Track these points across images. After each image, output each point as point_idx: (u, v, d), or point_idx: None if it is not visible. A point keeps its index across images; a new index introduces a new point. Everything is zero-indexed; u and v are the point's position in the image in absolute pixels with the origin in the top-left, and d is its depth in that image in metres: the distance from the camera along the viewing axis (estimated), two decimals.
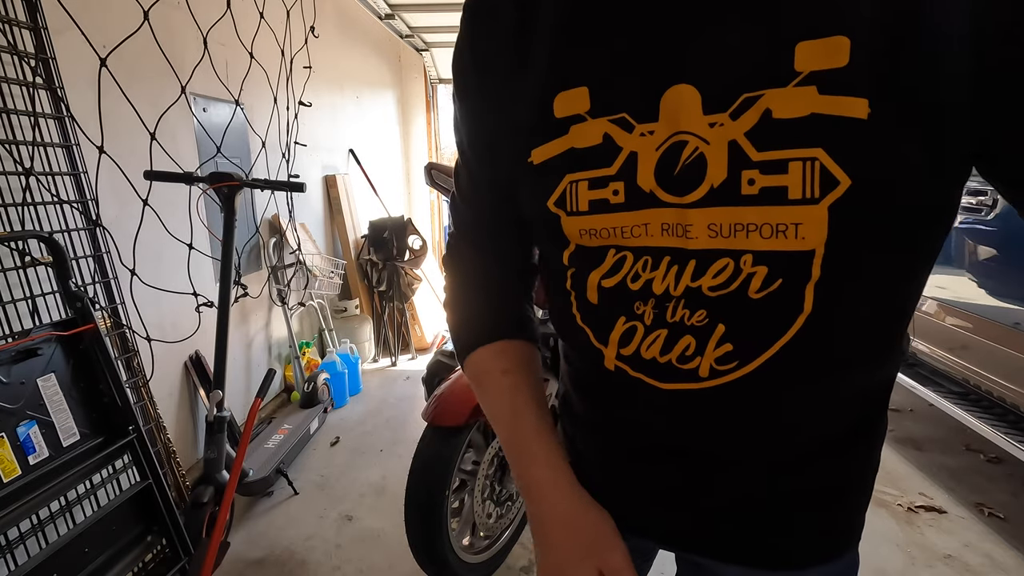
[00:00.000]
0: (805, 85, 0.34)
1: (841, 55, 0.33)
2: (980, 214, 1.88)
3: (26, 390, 1.18)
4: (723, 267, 0.39)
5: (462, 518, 1.61)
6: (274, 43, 2.45)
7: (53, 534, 1.24)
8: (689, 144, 0.38)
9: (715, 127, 0.37)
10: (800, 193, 0.35)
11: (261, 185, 1.78)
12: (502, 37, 0.47)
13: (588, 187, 0.42)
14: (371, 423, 2.75)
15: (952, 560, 1.74)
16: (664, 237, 0.41)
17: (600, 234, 0.43)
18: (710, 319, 0.41)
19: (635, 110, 0.40)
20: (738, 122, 0.36)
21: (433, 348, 3.67)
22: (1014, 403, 1.82)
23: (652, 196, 0.40)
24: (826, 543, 0.51)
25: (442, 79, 5.63)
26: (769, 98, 0.35)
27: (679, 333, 0.42)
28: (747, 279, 0.39)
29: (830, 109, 0.34)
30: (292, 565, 1.76)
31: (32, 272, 1.38)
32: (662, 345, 0.43)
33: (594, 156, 0.42)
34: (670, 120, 0.39)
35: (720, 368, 0.41)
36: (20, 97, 1.37)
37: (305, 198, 3.09)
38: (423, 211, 5.47)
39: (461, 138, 0.55)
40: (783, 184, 0.35)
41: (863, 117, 0.33)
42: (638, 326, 0.44)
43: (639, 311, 0.43)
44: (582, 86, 0.42)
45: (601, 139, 0.41)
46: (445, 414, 1.44)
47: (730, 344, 0.41)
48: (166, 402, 1.97)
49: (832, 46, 0.33)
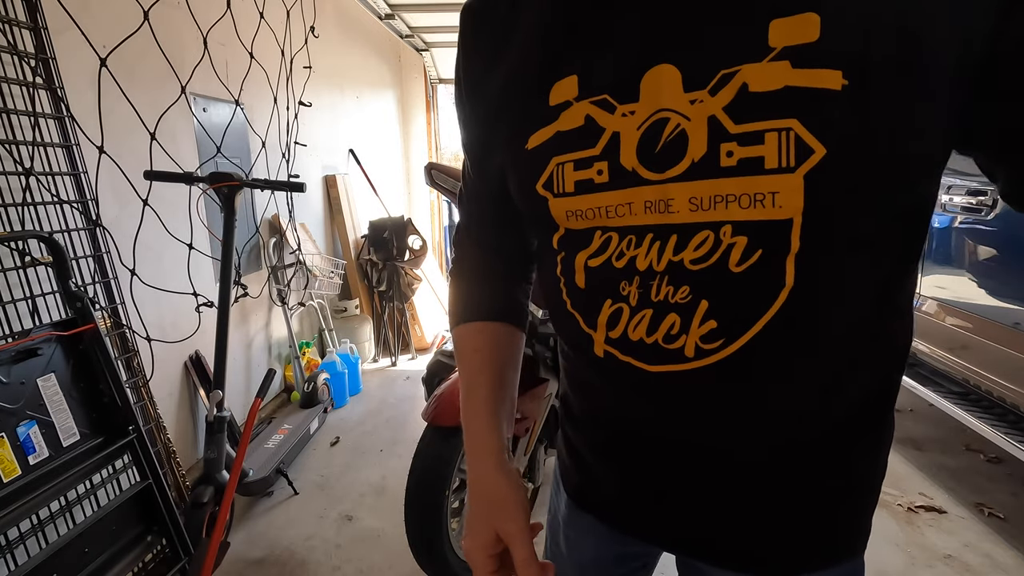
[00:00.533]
0: (779, 60, 0.35)
1: (812, 30, 0.35)
2: (980, 214, 1.88)
3: (26, 390, 1.18)
4: (704, 239, 0.40)
5: (462, 518, 1.61)
6: (274, 43, 2.45)
7: (53, 534, 1.23)
8: (671, 121, 0.39)
9: (695, 104, 0.38)
10: (776, 163, 0.36)
11: (261, 185, 1.78)
12: (496, 36, 0.49)
13: (574, 168, 0.44)
14: (371, 423, 2.75)
15: (952, 560, 1.74)
16: (647, 215, 0.42)
17: (586, 215, 0.45)
18: (693, 295, 0.41)
19: (616, 91, 0.42)
20: (716, 97, 0.37)
21: (433, 348, 3.67)
22: (1014, 403, 1.82)
23: (635, 174, 0.41)
24: (826, 548, 0.50)
25: (442, 79, 5.63)
26: (745, 73, 0.36)
27: (664, 312, 0.43)
28: (727, 250, 0.40)
29: (803, 81, 0.35)
30: (292, 565, 1.76)
31: (32, 272, 1.38)
32: (648, 325, 0.44)
33: (578, 137, 0.43)
34: (651, 99, 0.40)
35: (705, 347, 0.42)
36: (20, 97, 1.37)
37: (305, 198, 3.09)
38: (423, 211, 5.47)
39: (463, 138, 0.58)
40: (760, 154, 0.37)
41: (837, 88, 0.34)
42: (624, 307, 0.45)
43: (624, 292, 0.44)
44: (573, 75, 0.44)
45: (583, 120, 0.43)
46: (445, 414, 1.43)
47: (714, 321, 0.41)
48: (166, 402, 1.97)
49: (803, 22, 0.35)
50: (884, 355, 0.46)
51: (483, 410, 0.55)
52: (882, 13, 0.34)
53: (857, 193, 0.37)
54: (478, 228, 0.62)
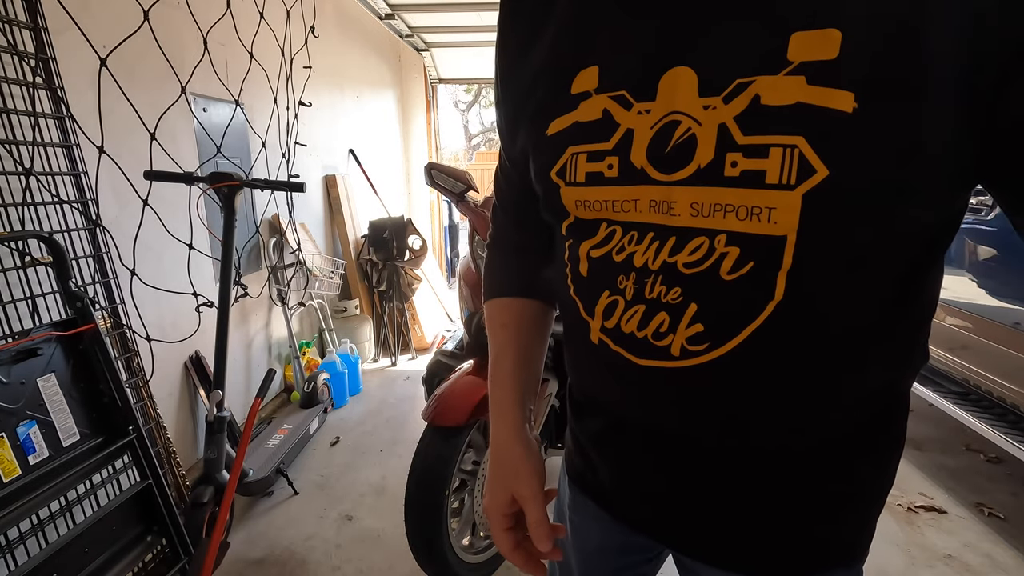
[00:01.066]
0: (795, 74, 0.35)
1: (832, 47, 0.34)
2: (980, 214, 1.88)
3: (26, 390, 1.18)
4: (699, 245, 0.41)
5: (462, 518, 1.61)
6: (274, 43, 2.45)
7: (53, 534, 1.23)
8: (682, 124, 0.40)
9: (708, 109, 0.38)
10: (777, 178, 0.36)
11: (261, 185, 1.78)
12: (533, 22, 0.50)
13: (586, 159, 0.45)
14: (371, 423, 2.75)
15: (952, 560, 1.74)
16: (651, 214, 0.43)
17: (594, 206, 0.46)
18: (684, 297, 0.42)
19: (635, 88, 0.42)
20: (729, 106, 0.38)
21: (433, 348, 3.67)
22: (1014, 403, 1.82)
23: (643, 172, 0.42)
24: (816, 555, 0.49)
25: (442, 79, 5.64)
26: (759, 84, 0.36)
27: (655, 309, 0.44)
28: (720, 259, 0.40)
29: (816, 99, 0.34)
30: (292, 565, 1.76)
31: (32, 272, 1.38)
32: (639, 320, 0.45)
33: (594, 130, 0.44)
34: (667, 100, 0.41)
35: (691, 348, 0.43)
36: (20, 97, 1.37)
37: (305, 198, 3.09)
38: (423, 211, 5.48)
39: (497, 118, 0.60)
40: (762, 168, 0.36)
41: (848, 111, 0.34)
42: (619, 300, 0.46)
43: (621, 285, 0.46)
44: (594, 65, 0.45)
45: (601, 114, 0.44)
46: (445, 414, 1.43)
47: (701, 324, 0.42)
48: (166, 402, 1.97)
49: (824, 38, 0.34)
50: (890, 366, 0.45)
51: (507, 381, 0.60)
52: (902, 36, 0.33)
53: (856, 216, 0.37)
54: (509, 205, 0.64)
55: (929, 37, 0.32)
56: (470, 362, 1.62)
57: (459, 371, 1.57)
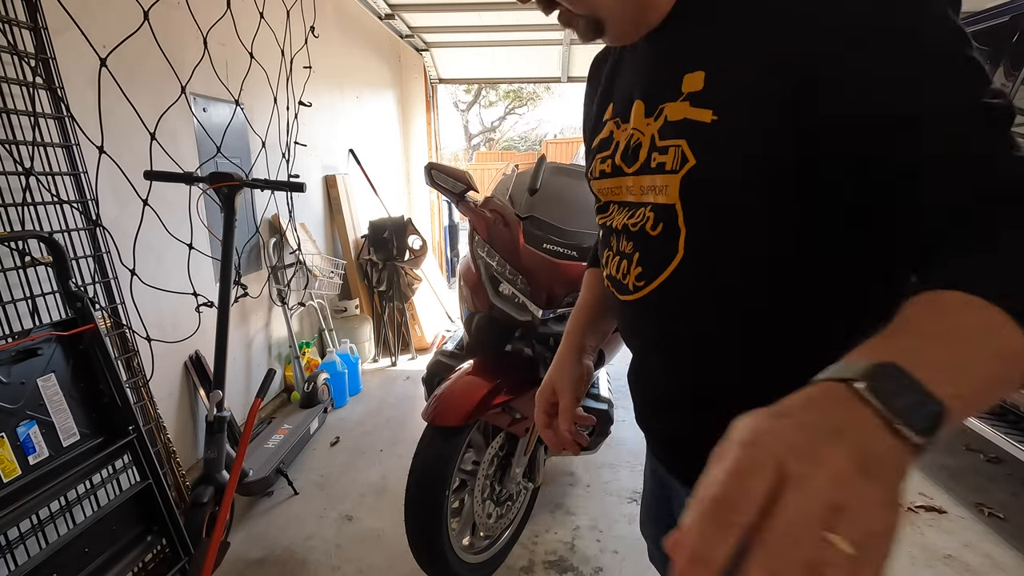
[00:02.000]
0: (684, 101, 0.53)
1: (700, 82, 0.52)
2: None
3: (26, 390, 1.18)
4: (640, 212, 0.61)
5: (462, 518, 1.61)
6: (274, 43, 2.45)
7: (53, 534, 1.23)
8: (635, 136, 0.60)
9: (647, 126, 0.58)
10: (670, 167, 0.55)
11: (261, 185, 1.78)
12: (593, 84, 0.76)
13: (600, 162, 0.67)
14: (371, 423, 2.76)
15: (952, 560, 1.74)
16: (626, 195, 0.64)
17: (604, 192, 0.68)
18: (633, 248, 0.63)
19: (621, 116, 0.64)
20: (656, 123, 0.57)
21: (433, 348, 3.67)
22: (1014, 403, 1.82)
23: (619, 168, 0.63)
24: None
25: (442, 79, 5.64)
26: (668, 108, 0.55)
27: (622, 258, 0.65)
28: (645, 221, 0.60)
29: (692, 115, 0.52)
30: (292, 565, 1.76)
31: (32, 272, 1.38)
32: (616, 266, 0.66)
33: (606, 143, 0.66)
34: (633, 122, 0.61)
35: (637, 284, 0.62)
36: (20, 97, 1.37)
37: (305, 198, 3.09)
38: (423, 211, 5.48)
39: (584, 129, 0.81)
40: (664, 160, 0.55)
41: (707, 121, 0.51)
42: (610, 253, 0.68)
43: (611, 243, 0.67)
44: (611, 103, 0.68)
45: (609, 133, 0.66)
46: (445, 414, 1.43)
47: (640, 267, 0.61)
48: (166, 402, 1.97)
49: (697, 77, 0.52)
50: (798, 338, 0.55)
51: (579, 319, 0.82)
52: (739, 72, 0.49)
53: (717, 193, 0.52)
54: None
55: (751, 71, 0.48)
56: (470, 362, 1.61)
57: (459, 371, 1.57)
